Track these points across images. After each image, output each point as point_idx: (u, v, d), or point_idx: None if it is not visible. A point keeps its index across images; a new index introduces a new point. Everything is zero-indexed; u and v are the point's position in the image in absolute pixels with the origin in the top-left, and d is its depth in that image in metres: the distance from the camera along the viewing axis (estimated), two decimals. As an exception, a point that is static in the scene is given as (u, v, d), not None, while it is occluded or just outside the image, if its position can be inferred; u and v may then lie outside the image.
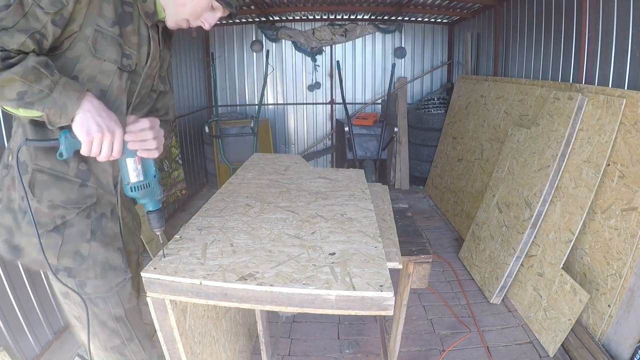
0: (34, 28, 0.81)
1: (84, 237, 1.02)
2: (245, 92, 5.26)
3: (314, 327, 2.32)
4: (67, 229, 1.00)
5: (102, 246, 1.04)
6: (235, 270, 0.96)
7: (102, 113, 0.87)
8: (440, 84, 5.22)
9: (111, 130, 0.87)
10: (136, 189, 0.97)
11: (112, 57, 0.94)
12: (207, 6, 1.02)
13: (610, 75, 2.29)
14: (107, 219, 1.07)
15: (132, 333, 1.11)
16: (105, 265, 1.04)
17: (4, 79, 0.77)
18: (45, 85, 0.81)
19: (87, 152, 0.87)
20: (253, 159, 2.11)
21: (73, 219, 1.00)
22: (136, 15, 0.97)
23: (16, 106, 0.82)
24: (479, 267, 2.80)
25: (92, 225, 1.03)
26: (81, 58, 0.91)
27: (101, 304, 1.05)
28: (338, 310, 0.89)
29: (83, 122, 0.85)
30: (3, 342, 1.77)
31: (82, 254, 1.02)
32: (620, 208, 1.97)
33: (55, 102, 0.82)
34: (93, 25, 0.89)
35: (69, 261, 1.01)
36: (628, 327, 1.83)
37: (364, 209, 1.39)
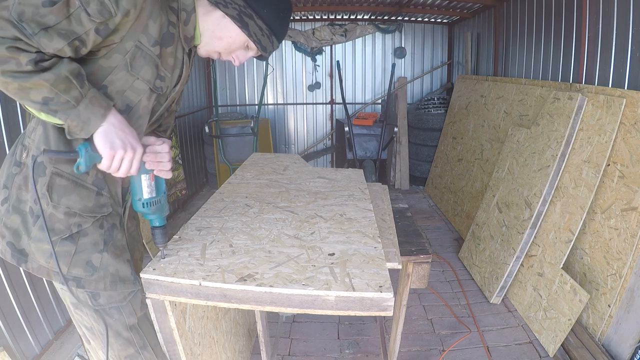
0: (76, 33, 0.78)
1: (97, 247, 0.99)
2: (245, 92, 5.26)
3: (314, 327, 2.32)
4: (82, 237, 0.97)
5: (113, 257, 1.02)
6: (235, 271, 0.96)
7: (125, 129, 0.86)
8: (440, 84, 5.22)
9: (133, 147, 0.87)
10: (148, 205, 0.97)
11: (147, 77, 0.92)
12: (243, 45, 1.02)
13: (610, 75, 2.29)
14: (117, 230, 1.05)
15: (145, 341, 1.10)
16: (115, 277, 1.02)
17: (33, 82, 0.75)
18: (73, 96, 0.79)
19: (107, 167, 0.86)
20: (252, 158, 2.11)
21: (88, 228, 0.98)
22: (176, 38, 0.96)
23: (39, 110, 0.80)
24: (479, 267, 2.80)
25: (105, 236, 1.01)
26: (115, 70, 0.88)
27: (115, 315, 1.03)
28: (337, 311, 0.89)
29: (107, 136, 0.84)
30: (3, 342, 1.77)
31: (94, 265, 0.99)
32: (620, 208, 1.97)
33: (79, 116, 0.80)
34: (134, 41, 0.87)
35: (79, 271, 0.98)
36: (628, 327, 1.83)
37: (363, 209, 1.39)
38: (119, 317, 1.03)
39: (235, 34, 0.99)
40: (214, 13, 0.98)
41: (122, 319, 1.04)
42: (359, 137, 4.43)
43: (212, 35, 1.00)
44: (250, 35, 0.99)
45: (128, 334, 1.06)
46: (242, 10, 0.96)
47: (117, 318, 1.03)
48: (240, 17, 0.97)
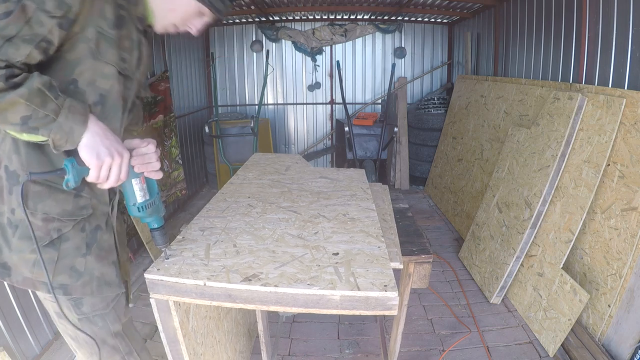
0: (40, 35, 0.76)
1: (79, 251, 0.97)
2: (245, 92, 5.26)
3: (314, 327, 2.32)
4: (63, 243, 0.94)
5: (98, 260, 1.00)
6: (239, 271, 0.96)
7: (109, 136, 0.84)
8: (440, 84, 5.23)
9: (120, 153, 0.85)
10: (143, 209, 0.96)
11: (113, 60, 0.90)
12: (196, 12, 1.01)
13: (610, 75, 2.30)
14: (102, 231, 1.02)
15: (131, 347, 1.09)
16: (101, 281, 1.00)
17: (8, 102, 0.72)
18: (51, 109, 0.76)
19: (96, 177, 0.84)
20: (254, 158, 2.11)
21: (69, 232, 0.95)
22: (128, 19, 0.94)
23: (20, 131, 0.77)
24: (479, 267, 2.80)
25: (87, 239, 0.98)
26: (82, 60, 0.86)
27: (100, 322, 1.02)
28: (342, 310, 0.90)
29: (92, 147, 0.82)
30: (3, 342, 1.76)
31: (78, 270, 0.97)
32: (620, 208, 1.97)
33: (61, 127, 0.78)
34: (95, 26, 0.85)
35: (64, 278, 0.95)
36: (628, 327, 1.84)
37: (366, 209, 1.39)
38: (104, 324, 1.02)
39: (186, 2, 0.99)
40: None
41: (107, 327, 1.03)
42: (359, 137, 4.43)
43: (164, 9, 0.99)
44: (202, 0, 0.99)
45: (114, 341, 1.05)
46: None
47: (101, 326, 1.02)
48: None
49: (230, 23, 5.01)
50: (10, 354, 1.77)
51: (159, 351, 2.03)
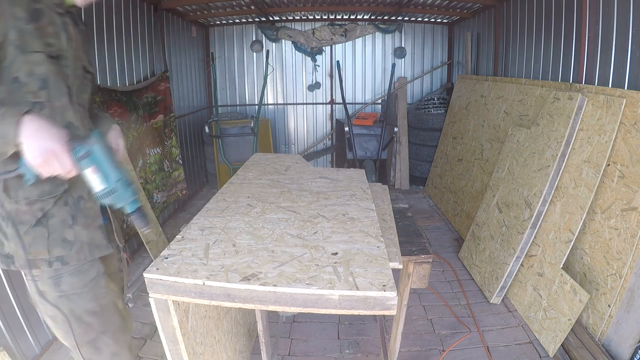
0: None
1: (66, 223, 1.09)
2: (245, 92, 5.26)
3: (314, 327, 2.32)
4: (50, 219, 1.07)
5: (84, 228, 1.12)
6: (238, 271, 0.96)
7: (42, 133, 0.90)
8: (440, 84, 5.22)
9: (52, 151, 0.91)
10: (103, 197, 1.01)
11: (38, 47, 1.00)
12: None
13: (610, 75, 2.30)
14: (85, 200, 1.13)
15: (106, 327, 1.18)
16: (92, 246, 1.13)
17: None
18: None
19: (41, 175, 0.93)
20: (254, 158, 2.11)
21: (52, 209, 1.07)
22: (46, 9, 1.04)
23: None
24: (479, 267, 2.80)
25: (72, 211, 1.10)
26: (14, 60, 0.98)
27: (77, 300, 1.12)
28: (341, 310, 0.90)
29: (27, 150, 0.89)
30: (3, 342, 1.76)
31: (69, 240, 1.09)
32: (620, 208, 1.97)
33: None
34: (13, 28, 0.96)
35: (59, 250, 1.08)
36: (628, 327, 1.84)
37: (365, 209, 1.39)
38: (81, 302, 1.12)
39: None
40: None
41: (84, 305, 1.13)
42: (359, 137, 4.43)
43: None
44: None
45: (89, 319, 1.14)
46: None
47: (79, 303, 1.12)
48: None
49: (230, 23, 5.01)
50: (10, 354, 1.77)
51: (159, 351, 2.04)
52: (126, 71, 3.17)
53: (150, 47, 3.58)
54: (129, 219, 1.07)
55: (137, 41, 3.32)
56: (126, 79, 3.17)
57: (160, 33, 3.75)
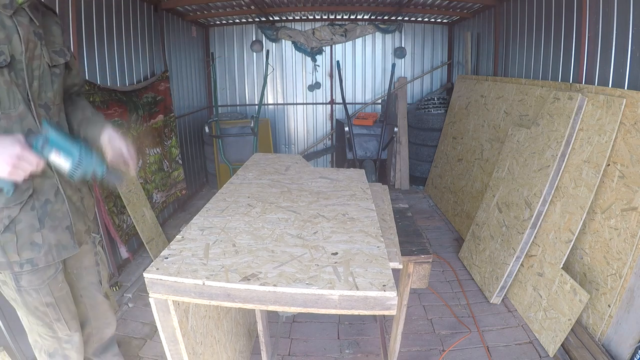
0: None
1: (34, 227, 1.14)
2: (245, 92, 5.26)
3: (314, 327, 2.32)
4: (17, 225, 1.11)
5: (52, 230, 1.18)
6: (238, 271, 0.96)
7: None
8: (440, 84, 5.22)
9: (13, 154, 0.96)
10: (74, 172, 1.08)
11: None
12: None
13: (610, 75, 2.30)
14: (52, 202, 1.18)
15: (60, 315, 1.27)
16: (59, 247, 1.19)
17: None
18: None
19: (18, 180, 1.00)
20: (254, 158, 2.11)
21: (19, 215, 1.11)
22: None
23: None
24: (479, 267, 2.80)
25: (39, 214, 1.14)
26: None
27: (34, 294, 1.20)
28: (341, 310, 0.90)
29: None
30: (3, 342, 1.76)
31: (37, 243, 1.14)
32: (620, 208, 1.97)
33: None
34: None
35: (28, 253, 1.14)
36: (628, 327, 1.84)
37: (365, 209, 1.39)
38: (37, 296, 1.21)
39: None
40: None
41: (40, 298, 1.21)
42: (359, 137, 4.43)
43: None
44: None
45: (44, 309, 1.24)
46: None
47: (35, 297, 1.21)
48: None
49: (230, 23, 5.01)
50: (10, 354, 1.77)
51: (159, 351, 2.04)
52: (126, 71, 3.17)
53: (150, 47, 3.58)
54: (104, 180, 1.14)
55: (137, 41, 3.32)
56: (126, 79, 3.17)
57: (160, 33, 3.75)
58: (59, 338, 1.33)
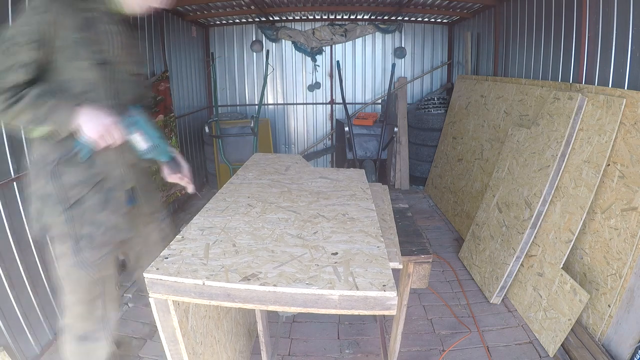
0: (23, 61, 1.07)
1: (98, 208, 1.28)
2: (245, 92, 5.26)
3: (314, 327, 2.32)
4: (85, 202, 1.26)
5: (112, 213, 1.32)
6: (238, 271, 0.96)
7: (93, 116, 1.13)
8: (440, 84, 5.22)
9: (105, 125, 1.14)
10: (147, 153, 1.24)
11: (86, 56, 1.17)
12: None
13: (610, 75, 2.30)
14: (115, 191, 1.32)
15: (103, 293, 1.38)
16: (116, 229, 1.32)
17: (16, 112, 1.07)
18: (44, 110, 1.09)
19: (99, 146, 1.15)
20: (254, 158, 2.11)
21: (87, 195, 1.26)
22: (98, 18, 1.20)
23: (32, 127, 1.13)
24: (479, 267, 2.80)
25: (104, 198, 1.29)
26: (65, 65, 1.15)
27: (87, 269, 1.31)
28: (341, 310, 0.90)
29: (84, 129, 1.13)
30: (3, 342, 1.76)
31: (98, 222, 1.28)
32: (620, 208, 1.97)
33: (56, 120, 1.11)
34: (64, 37, 1.12)
35: (89, 229, 1.27)
36: (628, 327, 1.84)
37: (365, 209, 1.39)
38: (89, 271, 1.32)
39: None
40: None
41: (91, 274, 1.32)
42: (359, 137, 4.43)
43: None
44: None
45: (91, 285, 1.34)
46: None
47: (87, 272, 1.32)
48: None
49: (230, 23, 5.01)
50: (10, 354, 1.77)
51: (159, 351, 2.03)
52: (126, 71, 3.16)
53: (150, 47, 3.58)
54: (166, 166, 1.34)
55: (137, 41, 3.32)
56: (126, 79, 3.16)
57: (160, 33, 3.75)
58: (94, 319, 1.40)
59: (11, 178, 1.90)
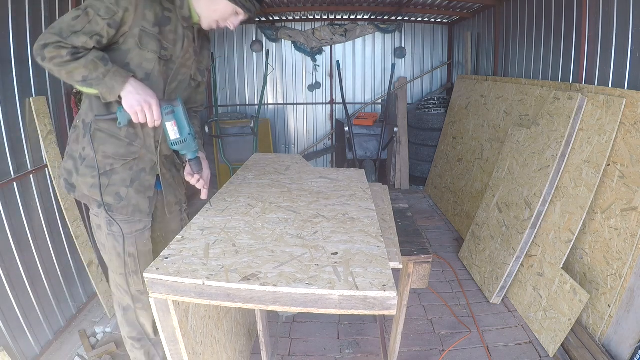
0: (95, 30, 1.15)
1: (124, 183, 1.35)
2: (245, 92, 5.26)
3: (314, 327, 2.32)
4: (114, 175, 1.33)
5: (136, 193, 1.37)
6: (238, 271, 0.96)
7: (141, 91, 1.18)
8: (440, 84, 5.22)
9: (147, 102, 1.18)
10: (175, 144, 1.27)
11: (153, 49, 1.25)
12: (233, 12, 1.33)
13: (610, 75, 2.30)
14: (146, 173, 1.39)
15: (138, 269, 1.43)
16: (136, 208, 1.38)
17: (73, 67, 1.13)
18: (100, 72, 1.14)
19: (135, 120, 1.20)
20: (254, 158, 2.11)
21: (119, 168, 1.33)
22: (174, 19, 1.29)
23: (82, 85, 1.17)
24: (479, 267, 2.80)
25: (132, 176, 1.36)
26: (131, 50, 1.23)
27: (120, 241, 1.39)
28: (341, 310, 0.89)
29: (127, 99, 1.17)
30: (3, 342, 1.76)
31: (121, 196, 1.34)
32: (620, 208, 1.97)
33: (106, 85, 1.15)
34: (139, 26, 1.22)
35: (110, 199, 1.34)
36: (628, 327, 1.84)
37: (365, 209, 1.39)
38: (123, 244, 1.39)
39: (224, 5, 1.30)
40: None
41: (124, 247, 1.39)
42: (359, 137, 4.43)
43: (208, 10, 1.31)
44: (237, 3, 1.30)
45: (126, 258, 1.41)
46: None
47: (120, 244, 1.39)
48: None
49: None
50: (10, 354, 1.77)
51: (159, 351, 2.03)
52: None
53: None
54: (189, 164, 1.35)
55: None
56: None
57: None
58: (132, 294, 1.47)
59: (11, 178, 1.90)
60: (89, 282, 2.39)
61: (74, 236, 2.27)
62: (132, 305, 1.50)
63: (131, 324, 1.54)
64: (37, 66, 2.11)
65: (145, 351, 1.58)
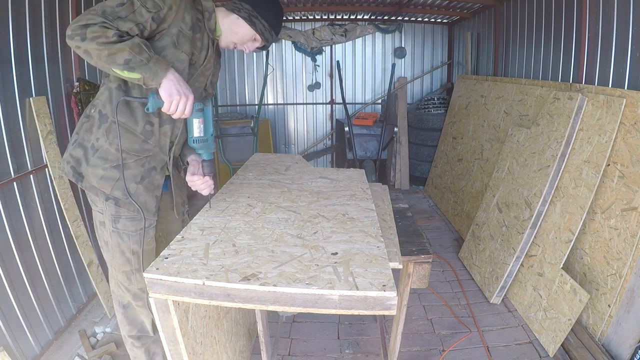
0: (139, 20, 1.17)
1: (134, 179, 1.35)
2: (245, 92, 5.26)
3: (314, 327, 2.32)
4: (125, 170, 1.32)
5: (145, 191, 1.38)
6: (238, 271, 0.96)
7: (181, 83, 1.20)
8: (440, 84, 5.22)
9: (186, 95, 1.20)
10: (197, 142, 1.29)
11: (187, 50, 1.29)
12: (251, 38, 1.40)
13: (610, 75, 2.30)
14: (156, 172, 1.40)
15: (141, 267, 1.43)
16: (143, 206, 1.36)
17: (117, 48, 1.11)
18: (145, 57, 1.14)
19: (167, 109, 1.20)
20: (254, 159, 2.11)
21: (131, 163, 1.33)
22: (203, 27, 1.34)
23: (122, 69, 1.14)
24: (479, 267, 2.80)
25: (143, 173, 1.36)
26: (166, 48, 1.26)
27: (125, 238, 1.39)
28: (341, 310, 0.89)
29: (168, 87, 1.17)
30: (3, 342, 1.76)
31: (130, 191, 1.32)
32: (620, 208, 1.97)
33: (151, 69, 1.15)
34: (178, 27, 1.25)
35: (118, 193, 1.33)
36: (628, 327, 1.84)
37: (365, 209, 1.39)
38: (127, 241, 1.39)
39: (246, 30, 1.38)
40: (231, 16, 1.37)
41: (128, 244, 1.40)
42: (359, 137, 4.43)
43: (229, 31, 1.38)
44: (257, 30, 1.37)
45: (129, 256, 1.41)
46: (251, 13, 1.36)
47: (125, 241, 1.39)
48: (250, 18, 1.36)
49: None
50: (10, 354, 1.77)
51: (159, 351, 2.03)
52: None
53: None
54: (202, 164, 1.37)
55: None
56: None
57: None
58: (133, 292, 1.47)
59: (11, 178, 1.90)
60: (89, 282, 2.39)
61: (74, 236, 2.27)
62: (133, 303, 1.50)
63: (131, 322, 1.54)
64: (37, 66, 2.11)
65: (146, 349, 1.58)
